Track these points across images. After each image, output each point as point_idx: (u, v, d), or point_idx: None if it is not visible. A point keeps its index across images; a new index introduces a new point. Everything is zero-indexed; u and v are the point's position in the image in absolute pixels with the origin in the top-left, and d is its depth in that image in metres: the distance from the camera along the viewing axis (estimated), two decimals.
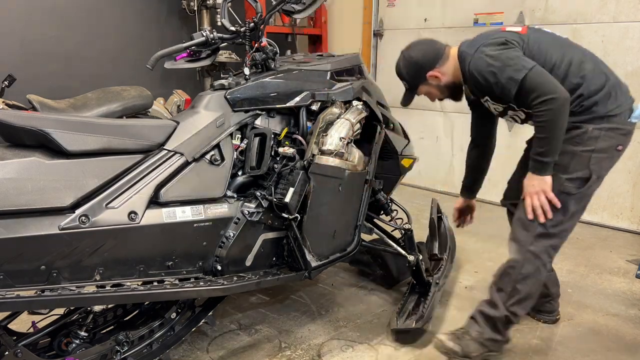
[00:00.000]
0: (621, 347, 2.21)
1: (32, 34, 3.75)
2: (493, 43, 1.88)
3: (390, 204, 2.48)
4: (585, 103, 1.84)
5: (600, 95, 1.84)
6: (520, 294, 1.96)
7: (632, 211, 3.66)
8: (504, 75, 1.81)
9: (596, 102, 1.84)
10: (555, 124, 1.80)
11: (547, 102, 1.77)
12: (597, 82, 1.84)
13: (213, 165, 1.82)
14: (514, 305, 1.97)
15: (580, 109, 1.85)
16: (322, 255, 2.07)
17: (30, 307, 1.56)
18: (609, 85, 1.85)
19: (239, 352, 2.15)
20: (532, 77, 1.78)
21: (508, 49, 1.85)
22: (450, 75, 2.05)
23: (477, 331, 2.02)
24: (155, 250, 1.67)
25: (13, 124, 1.46)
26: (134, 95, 2.56)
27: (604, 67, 1.91)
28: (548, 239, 1.93)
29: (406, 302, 2.41)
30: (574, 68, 1.85)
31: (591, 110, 1.84)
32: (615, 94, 1.86)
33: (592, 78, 1.84)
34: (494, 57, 1.84)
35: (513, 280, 1.96)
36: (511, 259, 1.99)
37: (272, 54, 2.09)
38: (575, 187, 1.88)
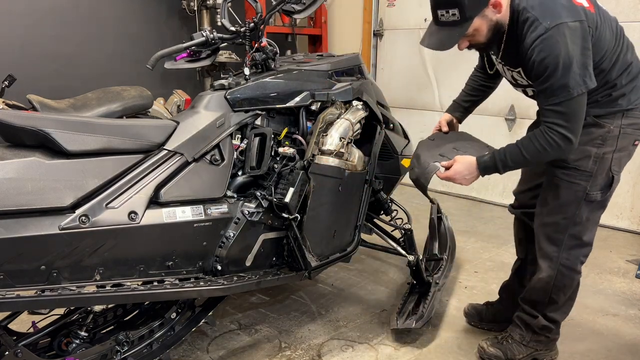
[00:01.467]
0: (621, 347, 2.21)
1: (32, 34, 3.75)
2: (577, 28, 1.59)
3: (390, 204, 2.48)
4: (614, 94, 1.73)
5: (629, 87, 1.74)
6: (558, 303, 1.94)
7: (632, 211, 3.66)
8: (564, 76, 1.59)
9: (624, 94, 1.74)
10: (542, 157, 1.71)
11: (563, 137, 1.64)
12: (632, 74, 1.75)
13: (213, 165, 1.82)
14: (552, 312, 1.96)
15: (607, 99, 1.74)
16: (322, 255, 2.07)
17: (30, 307, 1.56)
18: (639, 78, 1.77)
19: (239, 352, 2.15)
20: (578, 101, 1.62)
21: (587, 48, 1.61)
22: (503, 13, 1.69)
23: (520, 334, 2.03)
24: (155, 250, 1.67)
25: (13, 124, 1.45)
26: (134, 95, 2.56)
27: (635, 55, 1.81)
28: (580, 249, 1.89)
29: (406, 302, 2.41)
30: (621, 58, 1.72)
31: (617, 102, 1.74)
32: (638, 85, 1.77)
33: (630, 70, 1.74)
34: (570, 51, 1.57)
35: (548, 293, 1.93)
36: (543, 276, 1.92)
37: (272, 54, 2.09)
38: (600, 193, 1.80)
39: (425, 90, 4.62)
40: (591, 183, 1.78)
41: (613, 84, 1.73)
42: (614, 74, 1.72)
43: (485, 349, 2.06)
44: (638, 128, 1.78)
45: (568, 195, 1.81)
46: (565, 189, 1.82)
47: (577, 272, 1.92)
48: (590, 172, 1.77)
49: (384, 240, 2.52)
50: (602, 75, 1.71)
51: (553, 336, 2.04)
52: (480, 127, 4.14)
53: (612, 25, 1.73)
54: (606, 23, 1.71)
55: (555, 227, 1.87)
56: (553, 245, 1.88)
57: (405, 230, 2.44)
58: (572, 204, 1.81)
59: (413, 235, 2.44)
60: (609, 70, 1.71)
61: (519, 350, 2.02)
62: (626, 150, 1.80)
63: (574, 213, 1.82)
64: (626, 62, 1.73)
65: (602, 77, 1.71)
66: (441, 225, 2.92)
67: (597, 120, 1.75)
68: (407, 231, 2.43)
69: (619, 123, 1.75)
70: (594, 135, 1.76)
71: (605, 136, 1.75)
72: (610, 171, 1.78)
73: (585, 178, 1.78)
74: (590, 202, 1.81)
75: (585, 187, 1.79)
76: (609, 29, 1.70)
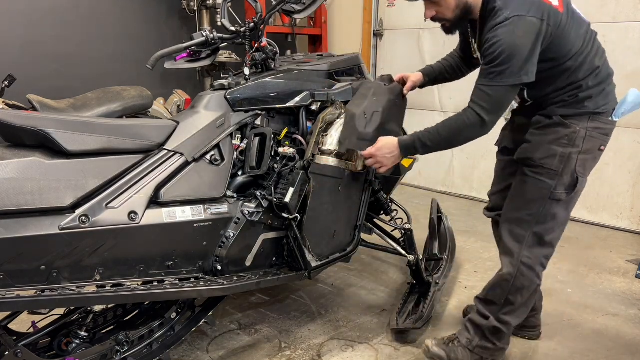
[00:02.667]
0: (621, 347, 2.21)
1: (32, 34, 3.75)
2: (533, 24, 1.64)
3: (390, 204, 2.48)
4: (581, 95, 1.76)
5: (596, 90, 1.76)
6: (514, 305, 1.92)
7: (632, 211, 3.66)
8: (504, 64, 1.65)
9: (590, 96, 1.76)
10: (455, 135, 1.78)
11: (478, 117, 1.71)
12: (600, 77, 1.77)
13: (213, 165, 1.82)
14: (506, 314, 1.93)
15: (573, 99, 1.77)
16: (322, 255, 2.07)
17: (30, 307, 1.56)
18: (608, 82, 1.80)
19: (239, 352, 2.15)
20: (507, 91, 1.69)
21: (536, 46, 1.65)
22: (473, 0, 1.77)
23: (467, 338, 1.99)
24: (155, 250, 1.67)
25: (13, 124, 1.46)
26: (134, 95, 2.56)
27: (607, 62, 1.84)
28: (541, 249, 1.88)
29: (406, 302, 2.41)
30: (588, 61, 1.75)
31: (584, 104, 1.76)
32: (608, 91, 1.80)
33: (598, 73, 1.76)
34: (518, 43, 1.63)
35: (506, 293, 1.91)
36: (504, 273, 1.92)
37: (272, 54, 2.09)
38: (565, 193, 1.82)
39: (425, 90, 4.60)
40: (557, 182, 1.80)
41: (579, 84, 1.75)
42: (580, 75, 1.74)
43: (430, 348, 2.02)
44: (604, 133, 1.80)
45: (534, 192, 1.83)
46: (531, 185, 1.84)
47: (536, 274, 1.90)
48: (556, 171, 1.79)
49: (384, 240, 2.52)
50: (567, 74, 1.74)
51: (501, 345, 1.98)
52: None
53: (583, 28, 1.76)
54: (574, 24, 1.73)
55: (519, 222, 1.88)
56: (515, 241, 1.89)
57: (405, 230, 2.44)
58: (537, 201, 1.83)
59: (413, 235, 2.44)
60: (575, 70, 1.74)
61: (463, 355, 1.97)
62: (591, 154, 1.80)
63: (539, 210, 1.83)
64: (594, 65, 1.75)
65: (567, 76, 1.75)
66: (441, 225, 2.92)
67: (564, 120, 1.78)
68: (407, 231, 2.43)
69: (585, 125, 1.77)
70: (560, 135, 1.78)
71: (571, 136, 1.77)
72: (575, 172, 1.79)
73: (551, 176, 1.80)
74: (555, 201, 1.82)
75: (551, 186, 1.80)
76: (576, 30, 1.73)
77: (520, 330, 2.21)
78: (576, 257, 3.18)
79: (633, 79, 3.45)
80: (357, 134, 1.94)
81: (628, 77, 3.47)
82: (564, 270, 2.98)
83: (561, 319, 2.44)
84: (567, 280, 2.84)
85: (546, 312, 2.48)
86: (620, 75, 3.51)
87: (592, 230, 3.69)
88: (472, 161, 4.41)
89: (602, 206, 3.78)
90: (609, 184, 3.72)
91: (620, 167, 3.65)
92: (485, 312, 1.96)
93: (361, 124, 1.94)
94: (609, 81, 1.81)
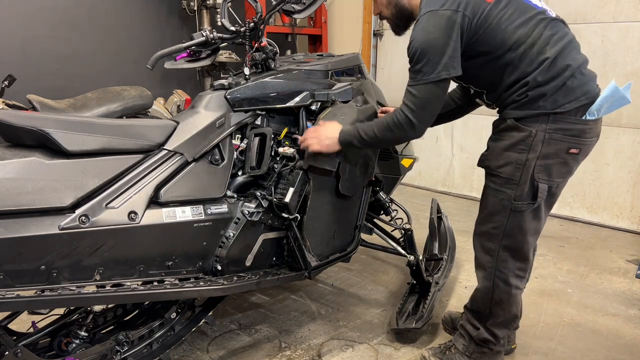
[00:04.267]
0: (621, 347, 2.21)
1: (32, 34, 3.75)
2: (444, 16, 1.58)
3: (390, 204, 2.48)
4: (530, 93, 1.61)
5: (550, 86, 1.59)
6: (498, 317, 1.86)
7: (632, 211, 3.66)
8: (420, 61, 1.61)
9: (544, 94, 1.59)
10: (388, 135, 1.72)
11: (407, 120, 1.66)
12: (553, 70, 1.58)
13: (213, 165, 1.82)
14: (494, 326, 1.88)
15: (525, 99, 1.62)
16: (322, 255, 2.07)
17: (30, 307, 1.56)
18: (566, 76, 1.59)
19: (239, 352, 2.15)
20: (430, 88, 1.62)
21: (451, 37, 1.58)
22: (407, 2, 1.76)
23: (463, 345, 1.96)
24: (155, 250, 1.67)
25: (13, 124, 1.45)
26: (134, 95, 2.56)
27: (573, 53, 1.63)
28: (514, 261, 1.78)
29: (406, 302, 2.41)
30: (534, 52, 1.60)
31: (538, 104, 1.60)
32: (571, 86, 1.59)
33: (548, 65, 1.59)
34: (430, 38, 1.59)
35: (487, 305, 1.86)
36: (480, 287, 1.88)
37: (272, 54, 2.09)
38: (525, 203, 1.68)
39: None
40: (516, 192, 1.67)
41: (526, 81, 1.61)
42: (526, 69, 1.60)
43: (427, 358, 2.01)
44: (573, 135, 1.62)
45: (495, 204, 1.74)
46: (492, 197, 1.75)
47: (511, 286, 1.80)
48: (514, 180, 1.66)
49: (384, 240, 2.52)
50: (510, 68, 1.63)
51: (497, 348, 1.92)
52: (480, 127, 4.14)
53: (526, 15, 1.62)
54: (513, 13, 1.61)
55: (487, 236, 1.80)
56: (487, 255, 1.81)
57: (405, 230, 2.44)
58: (499, 213, 1.73)
59: (413, 235, 2.44)
60: (517, 63, 1.61)
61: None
62: (556, 158, 1.64)
63: (503, 223, 1.72)
64: (542, 57, 1.59)
65: (510, 71, 1.63)
66: (441, 225, 2.92)
67: (517, 124, 1.64)
68: (407, 231, 2.44)
69: (543, 127, 1.61)
70: (514, 140, 1.65)
71: (527, 141, 1.63)
72: (534, 179, 1.64)
73: (510, 186, 1.68)
74: (518, 213, 1.69)
75: (511, 196, 1.68)
76: (513, 19, 1.60)
77: None
78: (576, 257, 3.18)
79: (633, 79, 3.45)
80: None
81: (628, 77, 3.48)
82: (564, 270, 2.98)
83: (561, 319, 2.44)
84: (567, 280, 2.84)
85: (546, 312, 2.48)
86: (620, 75, 3.55)
87: (592, 230, 3.69)
88: (472, 161, 4.41)
89: (602, 206, 3.78)
90: (609, 184, 3.72)
91: (620, 167, 3.65)
92: (475, 322, 1.93)
93: None
94: (570, 74, 1.59)
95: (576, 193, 3.86)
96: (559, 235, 3.57)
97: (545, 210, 1.74)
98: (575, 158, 1.67)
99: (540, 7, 1.67)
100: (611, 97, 1.60)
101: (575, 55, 1.63)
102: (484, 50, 1.64)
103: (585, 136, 1.64)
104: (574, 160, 1.67)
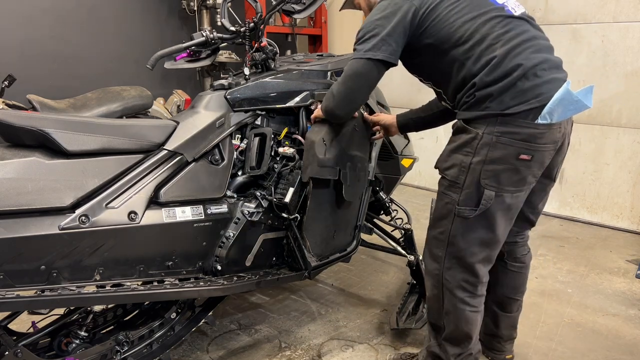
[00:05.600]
0: (621, 347, 2.21)
1: (32, 34, 3.75)
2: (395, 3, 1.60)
3: (390, 204, 2.48)
4: (478, 94, 1.52)
5: (497, 86, 1.48)
6: (446, 330, 1.74)
7: (632, 211, 3.66)
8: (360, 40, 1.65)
9: (491, 94, 1.49)
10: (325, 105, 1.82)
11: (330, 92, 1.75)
12: (499, 70, 1.48)
13: (213, 165, 1.82)
14: (445, 340, 1.77)
15: (472, 99, 1.53)
16: (322, 255, 2.07)
17: (30, 307, 1.56)
18: (515, 76, 1.48)
19: (239, 352, 2.15)
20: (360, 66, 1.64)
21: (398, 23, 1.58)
22: None
23: (424, 357, 1.88)
24: (155, 250, 1.67)
25: (13, 124, 1.45)
26: (134, 95, 2.56)
27: (527, 52, 1.51)
28: (460, 272, 1.66)
29: (406, 302, 2.41)
30: (482, 49, 1.51)
31: (485, 105, 1.51)
32: (522, 87, 1.48)
33: (496, 64, 1.49)
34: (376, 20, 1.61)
35: (438, 316, 1.75)
36: (429, 296, 1.78)
37: (272, 54, 2.09)
38: (468, 209, 1.57)
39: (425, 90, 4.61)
40: (460, 196, 1.58)
41: (473, 82, 1.52)
42: (472, 67, 1.53)
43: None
44: (524, 139, 1.50)
45: (441, 208, 1.66)
46: (439, 200, 1.68)
47: (457, 299, 1.67)
48: (458, 184, 1.58)
49: (384, 240, 2.52)
50: (457, 65, 1.57)
51: None
52: None
53: (480, 10, 1.55)
54: (466, 7, 1.56)
55: (435, 242, 1.70)
56: (434, 262, 1.71)
57: (405, 230, 2.44)
58: (445, 218, 1.64)
59: (413, 235, 2.44)
60: (464, 60, 1.54)
61: None
62: (505, 164, 1.52)
63: (448, 228, 1.63)
64: (490, 56, 1.50)
65: (457, 68, 1.57)
66: None
67: (465, 125, 1.57)
68: (407, 231, 2.44)
69: (491, 130, 1.50)
70: (461, 142, 1.58)
71: (473, 143, 1.54)
72: (481, 185, 1.54)
73: (454, 190, 1.60)
74: (463, 219, 1.59)
75: (455, 200, 1.59)
76: (465, 13, 1.55)
77: (486, 349, 2.02)
78: (576, 257, 3.18)
79: (633, 79, 3.46)
80: (318, 160, 1.86)
81: (628, 77, 3.48)
82: (564, 270, 2.98)
83: (561, 319, 2.43)
84: (567, 280, 2.84)
85: (546, 312, 2.48)
86: (620, 75, 3.55)
87: (592, 230, 3.69)
88: None
89: (602, 206, 3.78)
90: (609, 184, 3.72)
91: (620, 167, 3.65)
92: (429, 335, 1.85)
93: (320, 151, 1.87)
94: (522, 74, 1.48)
95: (576, 193, 3.86)
96: (559, 235, 3.57)
97: (502, 222, 1.61)
98: (527, 165, 1.53)
99: (499, 4, 1.58)
100: (563, 100, 1.47)
101: (530, 54, 1.50)
102: (430, 43, 1.60)
103: (536, 142, 1.51)
104: (526, 167, 1.53)
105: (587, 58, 3.62)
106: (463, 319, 1.70)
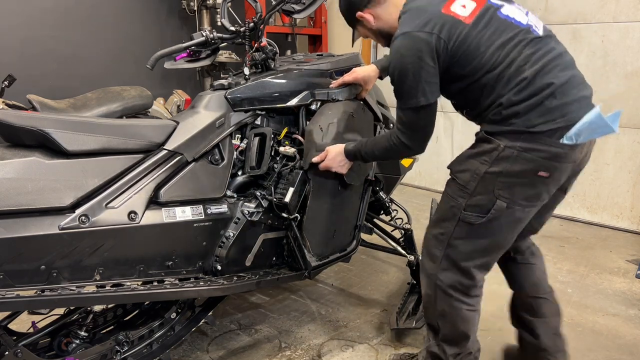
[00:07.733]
0: (621, 347, 2.21)
1: (32, 34, 3.75)
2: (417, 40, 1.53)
3: (390, 203, 2.48)
4: (504, 112, 1.52)
5: (524, 105, 1.49)
6: (443, 330, 1.74)
7: (632, 211, 3.66)
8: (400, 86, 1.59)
9: (517, 113, 1.49)
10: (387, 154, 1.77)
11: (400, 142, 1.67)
12: (529, 90, 1.49)
13: (213, 165, 1.82)
14: (443, 341, 1.76)
15: (499, 117, 1.54)
16: (322, 255, 2.07)
17: (30, 307, 1.56)
18: (544, 95, 1.48)
19: (239, 352, 2.15)
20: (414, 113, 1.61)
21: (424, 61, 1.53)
22: (384, 22, 1.73)
23: (423, 357, 1.88)
24: (155, 250, 1.67)
25: (13, 124, 1.45)
26: (134, 95, 2.56)
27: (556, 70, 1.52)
28: (455, 274, 1.66)
29: (406, 302, 2.41)
30: (511, 72, 1.51)
31: (510, 121, 1.51)
32: (549, 106, 1.48)
33: (525, 85, 1.50)
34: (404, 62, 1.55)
35: (432, 316, 1.76)
36: (424, 294, 1.77)
37: (272, 54, 2.09)
38: (475, 215, 1.57)
39: None
40: (467, 201, 1.58)
41: (500, 102, 1.52)
42: (501, 90, 1.53)
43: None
44: (546, 157, 1.49)
45: (446, 209, 1.66)
46: (445, 201, 1.67)
47: (452, 297, 1.68)
48: (468, 189, 1.58)
49: (384, 240, 2.52)
50: (487, 90, 1.55)
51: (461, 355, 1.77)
52: None
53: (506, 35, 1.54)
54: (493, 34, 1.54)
55: (434, 242, 1.70)
56: (431, 261, 1.71)
57: (405, 230, 2.44)
58: (448, 219, 1.64)
59: (413, 235, 2.44)
60: (493, 85, 1.54)
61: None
62: (521, 178, 1.52)
63: (450, 231, 1.63)
64: (519, 77, 1.50)
65: (487, 93, 1.56)
66: None
67: (488, 136, 1.57)
68: (407, 231, 2.44)
69: (514, 144, 1.50)
70: (481, 150, 1.58)
71: (492, 154, 1.54)
72: (493, 194, 1.54)
73: (462, 194, 1.60)
74: (467, 224, 1.60)
75: (462, 205, 1.59)
76: (492, 40, 1.53)
77: None
78: (576, 257, 3.18)
79: (633, 79, 3.46)
80: (316, 146, 1.90)
81: (628, 77, 3.48)
82: (564, 270, 2.98)
83: (561, 318, 2.43)
84: (567, 280, 2.84)
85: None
86: (620, 75, 3.55)
87: (592, 230, 3.69)
88: None
89: (602, 206, 3.78)
90: (609, 184, 3.72)
91: (620, 167, 3.65)
92: (428, 335, 1.84)
93: (318, 137, 1.90)
94: (550, 93, 1.48)
95: (576, 193, 3.86)
96: (559, 235, 3.57)
97: (508, 233, 1.62)
98: (544, 182, 1.53)
99: (525, 25, 1.58)
100: (592, 124, 1.47)
101: (559, 72, 1.51)
102: (463, 74, 1.58)
103: (558, 160, 1.51)
104: (543, 184, 1.54)
105: (587, 58, 3.62)
106: (460, 317, 1.70)
